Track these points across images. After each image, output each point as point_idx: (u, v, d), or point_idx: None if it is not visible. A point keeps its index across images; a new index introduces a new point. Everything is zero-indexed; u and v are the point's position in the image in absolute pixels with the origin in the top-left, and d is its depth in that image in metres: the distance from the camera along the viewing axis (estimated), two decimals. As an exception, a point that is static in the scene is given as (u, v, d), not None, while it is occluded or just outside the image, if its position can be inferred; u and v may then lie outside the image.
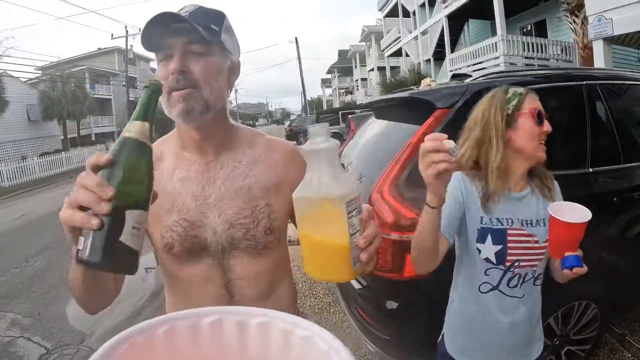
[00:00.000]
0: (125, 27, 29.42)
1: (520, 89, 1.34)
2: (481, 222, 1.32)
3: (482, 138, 1.33)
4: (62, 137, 26.77)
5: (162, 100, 0.92)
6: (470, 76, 2.58)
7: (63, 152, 22.72)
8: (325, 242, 0.69)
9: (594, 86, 2.40)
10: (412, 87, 2.58)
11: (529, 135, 1.29)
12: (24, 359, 3.49)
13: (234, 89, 1.12)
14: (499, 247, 1.30)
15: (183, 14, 0.92)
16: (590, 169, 2.27)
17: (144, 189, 0.67)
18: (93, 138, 30.74)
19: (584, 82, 2.37)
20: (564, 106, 2.41)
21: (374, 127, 2.98)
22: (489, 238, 1.30)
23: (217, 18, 0.98)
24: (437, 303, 2.00)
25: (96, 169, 0.65)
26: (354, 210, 0.68)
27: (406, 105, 2.51)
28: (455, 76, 2.60)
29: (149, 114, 0.70)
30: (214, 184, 1.03)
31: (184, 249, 1.00)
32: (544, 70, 2.89)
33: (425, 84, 2.24)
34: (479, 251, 1.32)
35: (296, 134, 22.96)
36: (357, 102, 30.55)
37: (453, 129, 2.03)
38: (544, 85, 2.27)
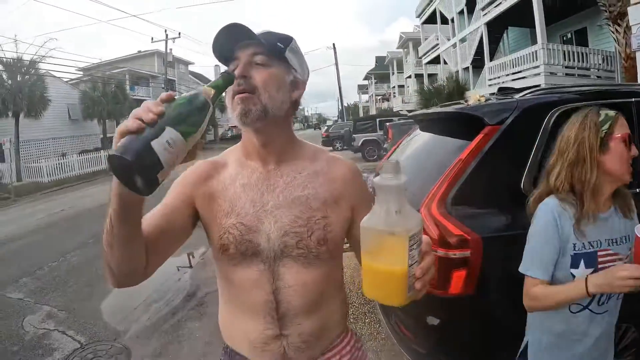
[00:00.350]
0: (165, 31, 30.25)
1: (612, 112, 1.37)
2: (574, 249, 1.36)
3: (576, 160, 1.36)
4: (102, 136, 27.59)
5: (227, 104, 1.05)
6: (517, 90, 2.52)
7: (102, 151, 23.39)
8: (385, 269, 0.75)
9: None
10: (459, 101, 2.53)
11: (620, 159, 1.33)
12: (58, 352, 3.56)
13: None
14: (591, 269, 1.35)
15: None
16: (638, 190, 2.17)
17: (191, 123, 0.74)
18: (131, 138, 31.47)
19: (633, 99, 2.28)
20: None
21: (419, 140, 2.94)
22: (582, 263, 1.36)
23: (284, 39, 1.06)
24: (479, 322, 1.98)
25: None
26: (415, 243, 0.74)
27: (454, 119, 2.48)
28: (501, 90, 2.55)
29: (217, 87, 0.84)
30: (272, 192, 1.06)
31: (238, 251, 1.03)
32: (592, 87, 2.80)
33: (474, 99, 2.19)
34: (573, 276, 1.36)
35: (332, 140, 22.99)
36: (394, 109, 30.43)
37: (503, 145, 2.04)
38: (594, 102, 2.20)
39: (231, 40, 1.01)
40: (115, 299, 4.66)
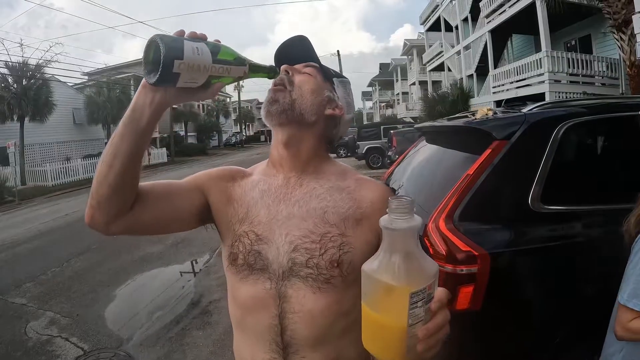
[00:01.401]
0: (171, 36, 30.41)
1: None
2: None
3: None
4: (106, 141, 27.55)
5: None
6: (523, 103, 2.53)
7: (105, 155, 23.45)
8: (381, 322, 0.67)
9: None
10: (466, 113, 2.53)
11: None
12: (61, 359, 3.55)
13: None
14: None
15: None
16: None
17: (222, 60, 0.82)
18: (135, 142, 31.58)
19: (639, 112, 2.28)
20: (620, 137, 2.34)
21: (426, 152, 2.93)
22: None
23: (339, 74, 1.12)
24: (484, 337, 1.97)
25: None
26: (421, 300, 0.65)
27: (461, 133, 2.47)
28: (508, 102, 2.56)
29: (257, 65, 0.92)
30: (288, 200, 1.00)
31: (247, 263, 0.97)
32: (597, 100, 2.80)
33: (482, 113, 2.18)
34: None
35: (336, 147, 22.95)
36: (398, 116, 30.52)
37: (511, 160, 2.04)
38: (602, 115, 2.25)
39: (298, 56, 1.05)
40: (119, 306, 4.68)
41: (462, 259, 1.78)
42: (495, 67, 16.83)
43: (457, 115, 2.82)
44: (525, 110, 2.15)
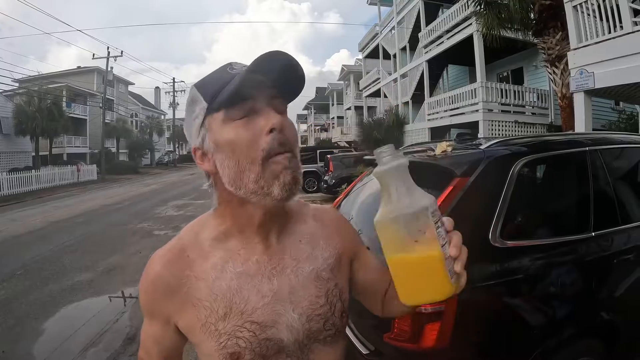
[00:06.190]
0: (108, 48, 29.33)
1: None
2: None
3: None
4: (34, 154, 26.03)
5: (246, 174, 0.78)
6: (473, 136, 2.63)
7: (33, 170, 21.98)
8: (419, 258, 0.68)
9: (595, 151, 2.46)
10: (424, 148, 2.56)
11: None
12: (-16, 404, 3.16)
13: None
14: None
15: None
16: (593, 233, 2.29)
17: None
18: (65, 158, 29.97)
19: (587, 148, 2.44)
20: (572, 171, 2.51)
21: (377, 184, 2.89)
22: None
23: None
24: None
25: None
26: (439, 220, 0.69)
27: (420, 168, 2.43)
28: (460, 135, 2.64)
29: None
30: (282, 273, 0.88)
31: (257, 355, 0.84)
32: (551, 137, 2.97)
33: (441, 149, 2.22)
34: None
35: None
36: (333, 140, 31.01)
37: (471, 197, 2.06)
38: (557, 152, 2.42)
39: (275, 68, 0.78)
40: (49, 341, 4.21)
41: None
42: (431, 95, 17.64)
43: (413, 149, 2.82)
44: (483, 146, 2.22)
